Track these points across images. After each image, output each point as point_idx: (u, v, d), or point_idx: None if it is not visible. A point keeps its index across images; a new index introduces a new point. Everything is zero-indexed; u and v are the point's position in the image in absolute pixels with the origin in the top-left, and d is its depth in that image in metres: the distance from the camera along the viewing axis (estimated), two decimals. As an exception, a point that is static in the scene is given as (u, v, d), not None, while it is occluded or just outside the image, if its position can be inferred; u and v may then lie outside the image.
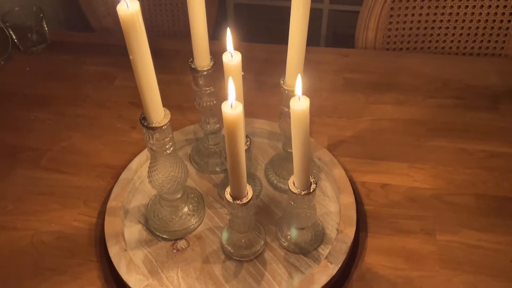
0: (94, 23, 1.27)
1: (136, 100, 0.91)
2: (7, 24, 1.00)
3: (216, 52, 0.63)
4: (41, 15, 1.03)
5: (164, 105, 0.86)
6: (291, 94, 0.58)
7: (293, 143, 0.53)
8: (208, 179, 0.74)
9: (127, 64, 0.49)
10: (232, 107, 0.47)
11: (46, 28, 1.05)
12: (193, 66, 0.63)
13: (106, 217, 0.66)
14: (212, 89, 0.65)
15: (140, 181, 0.73)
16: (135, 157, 0.75)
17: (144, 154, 0.75)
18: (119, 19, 0.44)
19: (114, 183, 0.71)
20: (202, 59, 0.62)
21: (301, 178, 0.56)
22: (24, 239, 0.67)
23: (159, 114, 0.54)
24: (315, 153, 0.75)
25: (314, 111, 0.85)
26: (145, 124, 0.54)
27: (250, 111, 0.83)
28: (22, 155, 0.80)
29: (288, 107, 0.62)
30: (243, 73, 0.55)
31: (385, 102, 0.88)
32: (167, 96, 0.89)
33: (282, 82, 0.61)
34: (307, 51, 1.00)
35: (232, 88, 0.47)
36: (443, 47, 1.12)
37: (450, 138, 0.80)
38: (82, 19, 1.29)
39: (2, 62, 1.01)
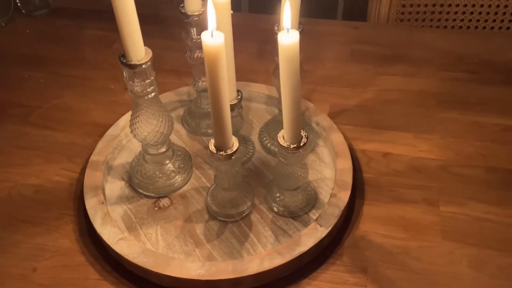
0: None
1: (133, 63, 0.88)
2: (10, -14, 0.98)
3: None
4: (45, -22, 1.01)
5: (160, 69, 0.82)
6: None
7: (281, 88, 0.49)
8: (199, 141, 0.70)
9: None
10: (213, 36, 0.43)
11: (50, -7, 1.03)
12: (183, 11, 0.59)
13: (87, 170, 0.62)
14: (204, 39, 0.61)
15: (128, 139, 0.70)
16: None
17: (134, 112, 0.71)
18: None
19: (101, 141, 0.68)
20: (193, 2, 0.58)
21: (291, 130, 0.52)
22: (2, 191, 0.64)
23: (139, 51, 0.50)
24: (313, 118, 0.70)
25: (317, 80, 0.82)
26: (124, 61, 0.50)
27: (250, 78, 0.80)
28: (12, 111, 0.77)
29: (282, 57, 0.58)
30: (232, 12, 0.51)
31: (395, 74, 0.82)
32: (165, 60, 0.87)
33: (276, 28, 0.56)
34: (315, 23, 0.96)
35: (212, 12, 0.42)
36: (460, 27, 1.05)
37: (462, 110, 0.74)
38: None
39: (3, 24, 0.99)
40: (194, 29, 0.61)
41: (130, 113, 0.71)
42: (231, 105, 0.59)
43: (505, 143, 0.68)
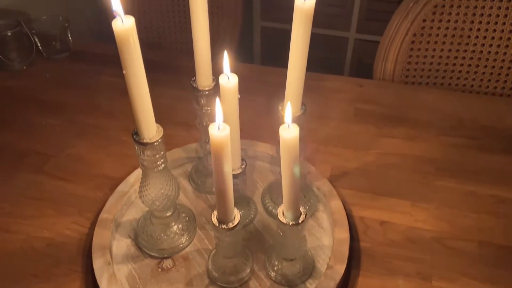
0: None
1: (145, 114, 0.91)
2: (33, 31, 1.03)
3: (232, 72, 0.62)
4: (66, 24, 1.07)
5: (171, 121, 0.86)
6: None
7: (282, 172, 0.52)
8: (204, 199, 0.73)
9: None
10: (220, 129, 0.46)
11: (70, 38, 1.08)
12: (194, 85, 0.63)
13: (96, 229, 0.65)
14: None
15: (136, 195, 0.73)
16: (136, 170, 0.75)
17: (144, 169, 0.75)
18: (144, 33, 0.44)
19: (111, 195, 0.71)
20: (204, 78, 0.62)
21: (290, 208, 0.55)
22: (15, 243, 0.67)
23: (151, 130, 0.53)
24: (315, 182, 0.73)
25: (321, 139, 0.85)
26: (137, 139, 0.54)
27: (257, 134, 0.83)
28: (28, 159, 0.81)
29: (286, 133, 0.61)
30: (239, 96, 0.55)
31: (396, 136, 0.85)
32: (176, 112, 0.91)
33: (280, 108, 0.60)
34: (321, 79, 1.00)
35: (220, 109, 0.46)
36: (464, 85, 1.08)
37: (459, 179, 0.76)
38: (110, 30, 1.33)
39: (25, 67, 1.04)
40: (205, 99, 0.64)
41: (140, 168, 0.75)
42: (235, 174, 0.63)
43: (500, 216, 0.70)
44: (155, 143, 0.54)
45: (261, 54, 1.91)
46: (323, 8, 1.70)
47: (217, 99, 0.47)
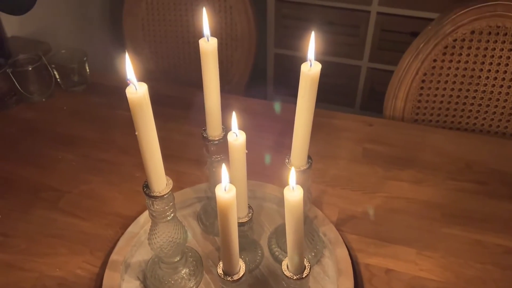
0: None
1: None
2: (53, 65, 1.07)
3: (243, 109, 0.61)
4: (85, 58, 1.10)
5: (183, 158, 0.87)
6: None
7: (287, 230, 0.53)
8: (212, 242, 0.75)
9: (157, 113, 0.52)
10: (226, 190, 0.48)
11: (88, 71, 1.12)
12: (204, 135, 0.65)
13: (106, 271, 0.67)
14: (223, 157, 0.67)
15: (146, 235, 0.75)
16: (146, 209, 0.77)
17: (154, 209, 0.77)
18: (161, 63, 0.46)
19: (122, 234, 0.73)
20: (214, 129, 0.64)
21: (295, 263, 0.56)
22: (28, 281, 0.69)
23: (161, 184, 0.55)
24: (321, 227, 0.74)
25: (329, 180, 0.86)
26: (147, 192, 0.56)
27: (265, 174, 0.85)
28: (43, 194, 0.84)
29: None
30: (247, 152, 0.57)
31: (403, 179, 0.86)
32: (188, 148, 0.93)
33: (287, 161, 0.61)
34: (331, 116, 1.02)
35: (226, 173, 0.48)
36: (474, 124, 1.09)
37: (466, 226, 0.77)
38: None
39: (44, 100, 1.08)
40: (214, 148, 0.66)
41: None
42: (242, 222, 0.64)
43: (505, 267, 0.70)
44: (164, 196, 0.56)
45: (274, 80, 1.93)
46: (337, 37, 1.73)
47: (223, 165, 0.48)
